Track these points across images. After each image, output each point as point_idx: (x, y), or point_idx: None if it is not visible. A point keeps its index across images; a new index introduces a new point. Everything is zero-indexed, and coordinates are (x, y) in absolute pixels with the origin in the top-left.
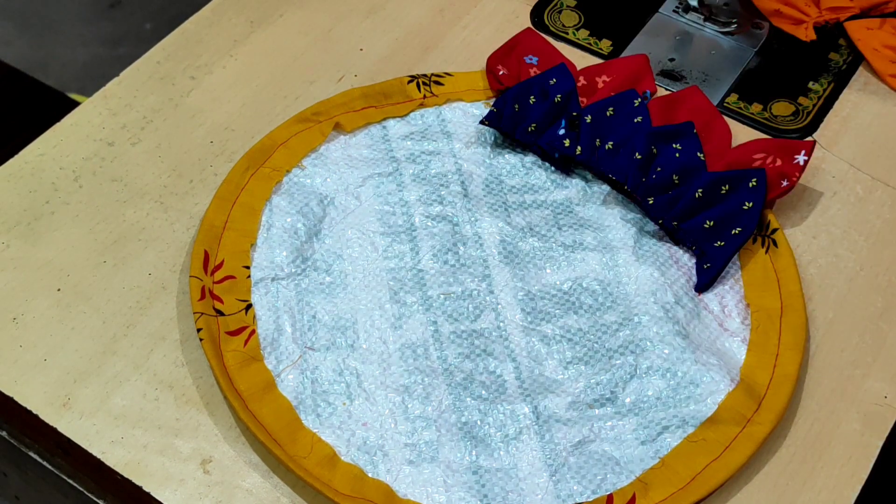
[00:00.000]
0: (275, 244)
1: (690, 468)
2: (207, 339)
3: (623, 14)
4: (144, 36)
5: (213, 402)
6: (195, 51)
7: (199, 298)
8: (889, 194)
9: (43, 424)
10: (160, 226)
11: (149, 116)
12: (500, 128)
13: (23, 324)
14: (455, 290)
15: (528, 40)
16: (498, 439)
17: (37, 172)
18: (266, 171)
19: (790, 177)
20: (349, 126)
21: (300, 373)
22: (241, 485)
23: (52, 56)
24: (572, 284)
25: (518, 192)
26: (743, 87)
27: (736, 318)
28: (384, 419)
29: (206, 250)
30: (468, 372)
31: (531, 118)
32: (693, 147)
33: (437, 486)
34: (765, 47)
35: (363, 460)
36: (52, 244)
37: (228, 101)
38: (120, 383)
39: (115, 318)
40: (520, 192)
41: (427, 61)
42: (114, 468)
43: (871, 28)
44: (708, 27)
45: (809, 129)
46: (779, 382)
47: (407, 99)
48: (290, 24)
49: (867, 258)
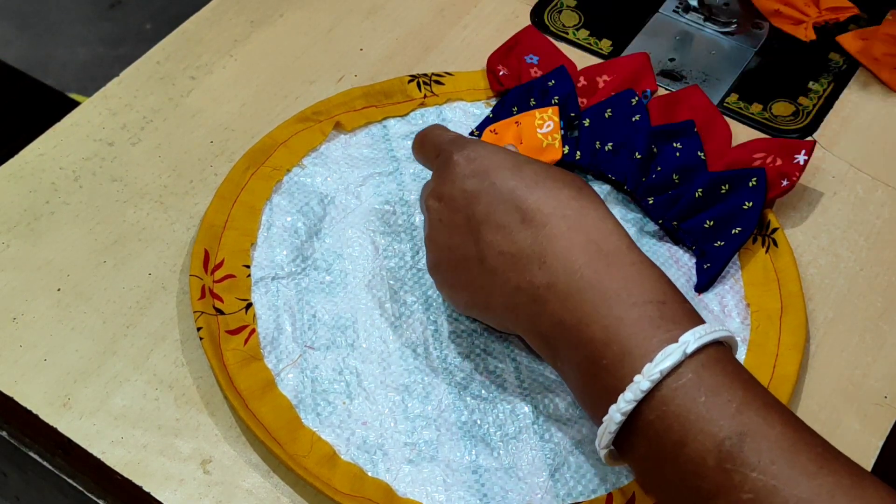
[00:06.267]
0: (275, 243)
1: None
2: (207, 338)
3: (623, 14)
4: (144, 36)
5: (213, 402)
6: (195, 51)
7: (200, 297)
8: (889, 194)
9: (43, 424)
10: (160, 226)
11: (149, 116)
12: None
13: (23, 324)
14: None
15: (528, 38)
16: (498, 438)
17: (37, 172)
18: (266, 171)
19: (790, 176)
20: (349, 125)
21: (300, 372)
22: (241, 485)
23: (52, 56)
24: None
25: None
26: (743, 87)
27: (736, 318)
28: (384, 418)
29: (207, 249)
30: (468, 371)
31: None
32: (694, 146)
33: (437, 485)
34: (765, 47)
35: (363, 459)
36: (52, 244)
37: (228, 101)
38: (120, 383)
39: (115, 318)
40: None
41: (427, 61)
42: (114, 468)
43: (866, 38)
44: (708, 27)
45: (809, 129)
46: (779, 382)
47: (407, 98)
48: (290, 24)
49: (867, 258)
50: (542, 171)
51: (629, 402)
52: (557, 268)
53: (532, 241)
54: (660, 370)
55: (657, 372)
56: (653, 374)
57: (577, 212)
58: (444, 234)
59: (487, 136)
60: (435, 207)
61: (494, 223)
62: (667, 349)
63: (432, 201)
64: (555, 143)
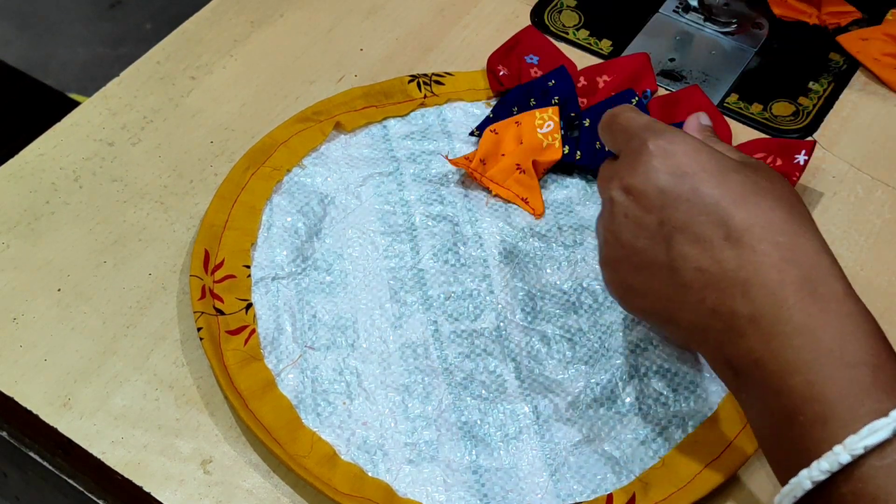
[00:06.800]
0: (275, 243)
1: (690, 468)
2: (207, 338)
3: (623, 14)
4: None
5: (214, 402)
6: (195, 51)
7: (200, 297)
8: (889, 194)
9: (43, 424)
10: (160, 226)
11: (149, 116)
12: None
13: (23, 324)
14: (455, 289)
15: (528, 38)
16: (498, 439)
17: (37, 172)
18: (266, 171)
19: (790, 176)
20: (350, 125)
21: (300, 372)
22: (241, 485)
23: (52, 56)
24: (572, 284)
25: None
26: (743, 87)
27: None
28: (384, 418)
29: (207, 249)
30: (468, 371)
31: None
32: None
33: (437, 486)
34: (765, 47)
35: (363, 459)
36: (52, 244)
37: (228, 101)
38: (120, 383)
39: (115, 318)
40: None
41: (427, 61)
42: (114, 468)
43: (866, 38)
44: (708, 27)
45: (809, 129)
46: None
47: (407, 98)
48: (290, 24)
49: (867, 258)
50: (750, 181)
51: (823, 473)
52: (764, 302)
53: (737, 264)
54: (864, 445)
55: (861, 447)
56: (855, 449)
57: (792, 239)
58: (629, 233)
59: (487, 136)
60: (621, 201)
61: (693, 234)
62: (875, 423)
63: (618, 193)
64: (555, 143)
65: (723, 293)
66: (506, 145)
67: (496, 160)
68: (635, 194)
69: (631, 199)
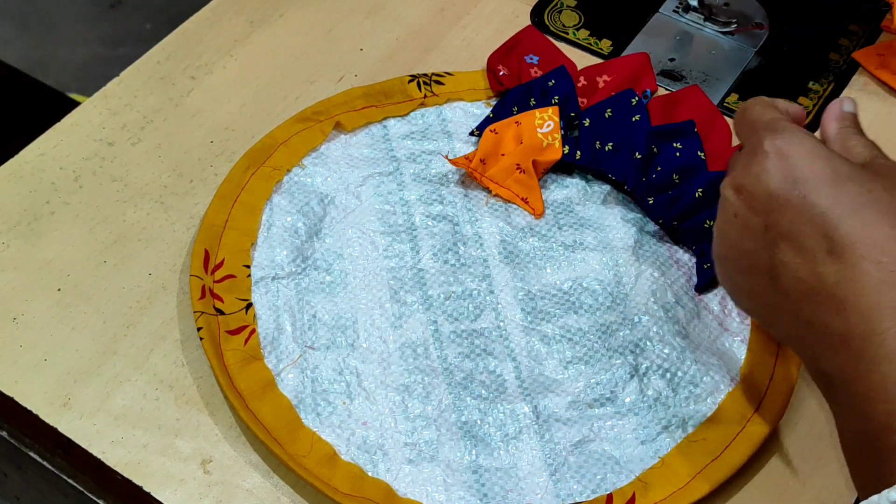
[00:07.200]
0: (275, 243)
1: (690, 468)
2: (207, 338)
3: (623, 14)
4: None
5: (214, 401)
6: (195, 51)
7: (200, 297)
8: None
9: (43, 424)
10: (160, 226)
11: (149, 116)
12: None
13: (23, 324)
14: (455, 289)
15: (529, 38)
16: (498, 438)
17: (37, 172)
18: (266, 171)
19: None
20: (350, 125)
21: (300, 372)
22: (241, 485)
23: (52, 56)
24: (572, 284)
25: None
26: (743, 87)
27: (736, 317)
28: (384, 418)
29: (207, 249)
30: (468, 371)
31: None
32: (694, 146)
33: (437, 485)
34: (765, 47)
35: (363, 459)
36: (52, 244)
37: (228, 101)
38: (120, 383)
39: (115, 318)
40: None
41: (427, 61)
42: (114, 468)
43: (882, 54)
44: (708, 27)
45: (809, 129)
46: (779, 382)
47: (407, 98)
48: (290, 24)
49: None
50: (863, 193)
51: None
52: (856, 322)
53: (836, 279)
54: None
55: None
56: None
57: (895, 261)
58: (736, 233)
59: (487, 136)
60: (731, 199)
61: (797, 243)
62: None
63: (730, 191)
64: (555, 143)
65: (819, 307)
66: (506, 145)
67: (496, 160)
68: (745, 195)
69: (741, 198)
